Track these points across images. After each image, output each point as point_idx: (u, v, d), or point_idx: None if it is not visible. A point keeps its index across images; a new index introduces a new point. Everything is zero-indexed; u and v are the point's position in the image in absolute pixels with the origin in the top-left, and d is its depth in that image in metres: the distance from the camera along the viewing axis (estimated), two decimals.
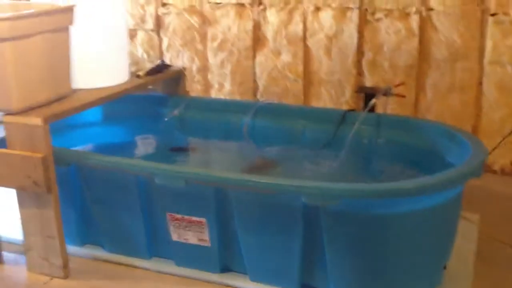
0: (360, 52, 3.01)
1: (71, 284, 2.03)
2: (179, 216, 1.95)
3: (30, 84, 1.95)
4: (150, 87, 2.70)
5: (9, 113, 1.93)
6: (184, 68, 2.70)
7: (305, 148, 2.44)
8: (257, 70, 3.25)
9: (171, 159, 2.48)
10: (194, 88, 3.41)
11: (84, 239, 2.20)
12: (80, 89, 2.24)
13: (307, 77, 3.17)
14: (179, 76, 2.66)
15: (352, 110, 2.45)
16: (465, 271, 2.02)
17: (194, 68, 3.38)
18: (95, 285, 2.02)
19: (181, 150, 2.55)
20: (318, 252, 1.82)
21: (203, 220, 1.92)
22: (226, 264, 2.01)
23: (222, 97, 3.34)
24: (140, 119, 2.65)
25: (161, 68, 2.57)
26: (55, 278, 2.06)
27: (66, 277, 2.05)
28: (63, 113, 2.00)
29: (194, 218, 1.93)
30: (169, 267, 2.08)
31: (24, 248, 2.09)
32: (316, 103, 3.19)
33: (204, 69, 3.37)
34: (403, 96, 2.34)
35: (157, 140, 2.67)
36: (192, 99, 2.66)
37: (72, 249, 2.18)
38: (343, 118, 2.39)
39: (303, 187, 1.71)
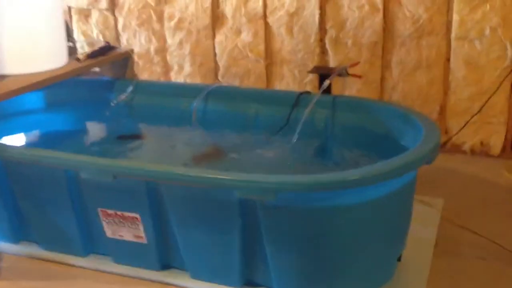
0: (323, 29, 2.85)
1: (0, 285, 1.89)
2: (111, 212, 1.81)
3: None
4: (97, 70, 2.54)
5: None
6: (132, 51, 2.53)
7: (258, 134, 2.30)
8: (217, 50, 3.08)
9: (117, 148, 2.34)
10: (154, 71, 3.25)
11: (19, 236, 2.06)
12: (10, 75, 2.07)
13: (269, 56, 3.01)
14: (126, 59, 2.50)
15: (307, 92, 2.29)
16: (421, 263, 1.90)
17: (152, 49, 3.21)
18: (27, 286, 1.89)
19: (129, 138, 2.40)
20: (259, 249, 1.68)
21: (137, 215, 1.78)
22: (166, 261, 1.88)
23: (182, 79, 3.18)
24: (86, 105, 2.50)
25: (105, 50, 2.40)
26: None
27: None
28: None
29: (127, 214, 1.79)
30: (107, 264, 1.95)
31: None
32: (279, 85, 3.04)
33: (162, 50, 3.20)
34: (359, 77, 2.19)
35: (103, 127, 2.53)
36: (140, 83, 2.50)
37: (6, 246, 2.05)
38: (297, 101, 2.24)
39: (236, 181, 1.57)
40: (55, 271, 1.97)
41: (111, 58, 2.42)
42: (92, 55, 2.32)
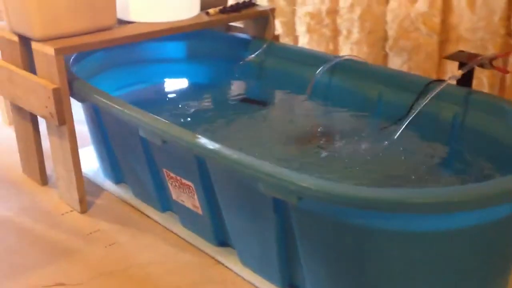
0: (511, 7, 2.31)
1: (81, 220, 2.00)
2: (173, 175, 1.75)
3: (55, 13, 1.88)
4: (240, 26, 2.47)
5: (33, 40, 1.90)
6: (272, 10, 2.37)
7: (375, 121, 1.99)
8: (388, 18, 2.73)
9: (237, 111, 2.25)
10: (323, 33, 3.03)
11: (118, 177, 2.14)
12: (135, 22, 2.11)
13: (444, 32, 2.56)
14: (265, 18, 2.35)
15: (441, 80, 1.88)
16: None
17: (324, 9, 2.99)
18: (103, 228, 1.96)
19: (253, 102, 2.29)
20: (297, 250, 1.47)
21: (191, 184, 1.69)
22: (224, 239, 1.76)
23: (348, 47, 2.92)
24: (219, 60, 2.44)
25: (242, 6, 2.29)
26: (74, 211, 2.05)
27: (83, 211, 2.03)
28: (84, 45, 1.91)
29: (184, 181, 1.71)
30: (175, 226, 1.91)
31: (55, 176, 2.11)
32: (452, 66, 2.59)
33: (333, 11, 2.96)
34: (506, 72, 1.71)
35: (230, 85, 2.45)
36: (271, 45, 2.34)
37: (108, 185, 2.16)
38: (425, 89, 1.86)
39: (260, 173, 1.36)
40: (134, 219, 2.01)
41: (245, 16, 2.30)
42: (223, 10, 2.23)
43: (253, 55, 2.32)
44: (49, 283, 1.68)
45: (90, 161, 2.23)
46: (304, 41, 3.14)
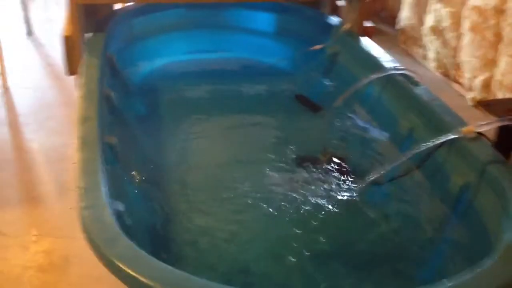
0: None
1: None
2: None
3: None
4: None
5: None
6: None
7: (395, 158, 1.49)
8: None
9: (276, 109, 1.93)
10: (485, 36, 2.38)
11: None
12: None
13: None
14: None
15: (479, 134, 1.29)
16: None
17: (490, 5, 2.34)
18: None
19: (305, 102, 1.94)
20: None
21: None
22: None
23: (505, 59, 2.24)
24: (292, 40, 2.11)
25: None
26: None
27: None
28: None
29: None
30: None
31: None
32: None
33: (499, 11, 2.29)
34: None
35: (294, 73, 2.09)
36: (349, 37, 1.90)
37: None
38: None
39: None
40: None
41: None
42: None
43: (319, 46, 1.92)
44: None
45: None
46: (465, 42, 2.49)
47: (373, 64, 1.73)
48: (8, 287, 1.43)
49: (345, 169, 1.54)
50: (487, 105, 1.26)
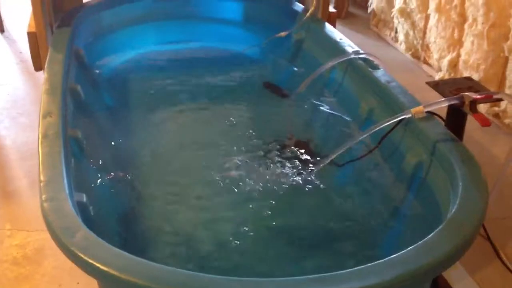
0: None
1: None
2: None
3: None
4: None
5: None
6: None
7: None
8: None
9: (253, 100, 1.96)
10: (450, 17, 2.42)
11: None
12: None
13: None
14: None
15: (431, 113, 1.33)
16: None
17: None
18: None
19: (272, 89, 1.97)
20: None
21: None
22: None
23: (470, 39, 2.28)
24: (257, 28, 2.13)
25: None
26: None
27: None
28: None
29: None
30: None
31: None
32: None
33: None
34: (485, 124, 1.11)
35: (260, 62, 2.12)
36: (313, 23, 1.93)
37: None
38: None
39: None
40: None
41: None
42: None
43: (284, 32, 1.95)
44: None
45: None
46: (432, 23, 2.53)
47: (336, 49, 1.77)
48: None
49: (309, 152, 1.58)
50: (435, 85, 1.29)
